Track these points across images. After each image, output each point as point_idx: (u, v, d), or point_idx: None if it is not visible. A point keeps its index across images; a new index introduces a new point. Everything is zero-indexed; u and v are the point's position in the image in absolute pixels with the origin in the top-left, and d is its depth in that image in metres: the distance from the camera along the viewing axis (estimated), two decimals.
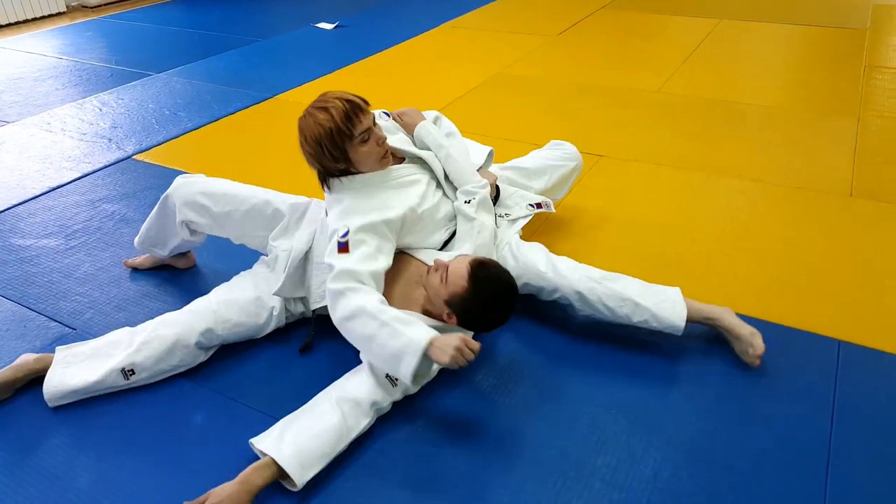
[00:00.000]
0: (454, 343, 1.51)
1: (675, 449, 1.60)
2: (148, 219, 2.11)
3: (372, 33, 5.14)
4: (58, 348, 1.76)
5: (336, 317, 1.63)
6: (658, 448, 1.60)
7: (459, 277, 1.65)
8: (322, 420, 1.52)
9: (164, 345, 1.73)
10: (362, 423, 1.57)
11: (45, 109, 3.75)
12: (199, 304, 1.83)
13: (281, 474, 1.46)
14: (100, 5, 6.26)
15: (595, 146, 3.11)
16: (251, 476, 1.42)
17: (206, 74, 4.28)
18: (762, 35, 4.91)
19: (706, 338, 1.94)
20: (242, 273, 1.99)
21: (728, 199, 2.70)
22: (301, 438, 1.48)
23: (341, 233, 1.70)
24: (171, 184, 2.04)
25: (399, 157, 1.96)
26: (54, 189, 2.87)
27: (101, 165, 3.08)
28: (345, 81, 4.15)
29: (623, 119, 3.45)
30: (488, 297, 1.67)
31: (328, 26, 5.33)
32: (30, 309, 2.10)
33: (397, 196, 1.82)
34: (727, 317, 1.87)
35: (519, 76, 4.14)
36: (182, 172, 2.96)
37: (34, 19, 5.82)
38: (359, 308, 1.58)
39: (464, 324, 1.70)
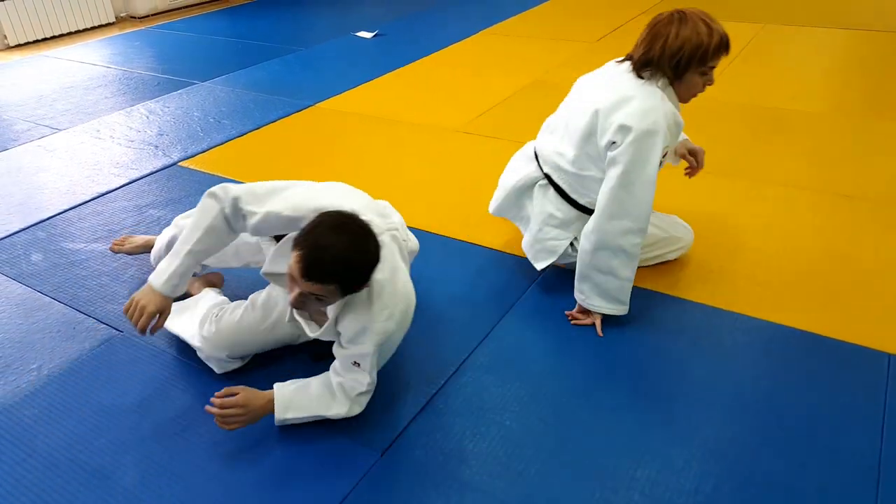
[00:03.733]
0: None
1: (716, 462, 1.57)
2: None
3: (411, 41, 5.18)
4: None
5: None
6: (699, 461, 1.57)
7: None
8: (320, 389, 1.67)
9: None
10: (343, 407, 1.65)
11: (95, 117, 3.88)
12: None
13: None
14: (147, 16, 6.44)
15: None
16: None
17: (248, 83, 4.36)
18: (807, 39, 4.81)
19: (751, 353, 1.90)
20: None
21: (774, 206, 2.64)
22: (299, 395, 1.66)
23: None
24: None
25: None
26: (103, 195, 2.96)
27: (148, 172, 3.16)
28: (385, 89, 4.19)
29: None
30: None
31: (367, 35, 5.39)
32: (80, 311, 2.17)
33: None
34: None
35: (558, 83, 4.12)
36: (227, 180, 3.07)
37: (85, 30, 6.02)
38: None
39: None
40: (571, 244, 2.12)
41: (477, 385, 1.82)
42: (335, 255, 1.42)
